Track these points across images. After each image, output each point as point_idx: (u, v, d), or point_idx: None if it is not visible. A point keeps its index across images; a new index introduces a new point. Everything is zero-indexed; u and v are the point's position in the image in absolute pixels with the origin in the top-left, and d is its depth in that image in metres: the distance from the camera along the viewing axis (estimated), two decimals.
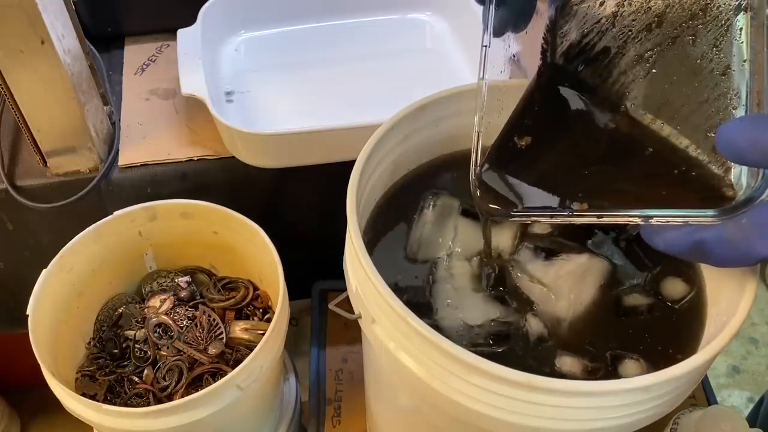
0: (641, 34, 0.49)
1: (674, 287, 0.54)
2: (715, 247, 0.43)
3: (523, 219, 0.51)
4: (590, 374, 0.50)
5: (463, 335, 0.53)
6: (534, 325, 0.52)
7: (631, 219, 0.46)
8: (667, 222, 0.44)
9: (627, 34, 0.49)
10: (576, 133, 0.52)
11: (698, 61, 0.46)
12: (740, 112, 0.43)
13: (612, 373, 0.50)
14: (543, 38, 0.53)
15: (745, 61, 0.43)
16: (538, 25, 0.53)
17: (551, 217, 0.49)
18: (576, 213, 0.48)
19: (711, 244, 0.43)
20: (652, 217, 0.45)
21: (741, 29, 0.43)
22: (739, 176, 0.43)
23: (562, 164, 0.52)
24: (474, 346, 0.52)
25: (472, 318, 0.54)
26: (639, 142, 0.50)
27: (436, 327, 0.52)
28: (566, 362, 0.51)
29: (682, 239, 0.44)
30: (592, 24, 0.51)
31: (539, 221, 0.52)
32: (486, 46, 0.51)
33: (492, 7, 0.51)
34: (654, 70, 0.48)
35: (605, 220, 0.47)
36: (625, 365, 0.50)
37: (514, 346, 0.52)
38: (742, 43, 0.43)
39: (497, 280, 0.55)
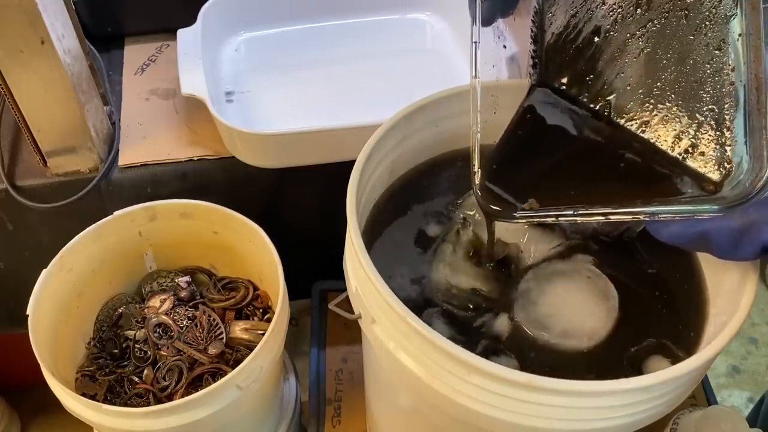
0: (632, 10, 0.48)
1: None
2: (719, 236, 0.43)
3: (527, 220, 0.51)
4: None
5: (440, 290, 0.54)
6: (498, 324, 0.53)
7: (638, 216, 0.46)
8: (673, 218, 0.44)
9: (617, 12, 0.49)
10: (567, 139, 0.52)
11: (692, 37, 0.45)
12: (740, 90, 0.43)
13: None
14: (531, 20, 0.52)
15: (740, 35, 0.42)
16: (528, 11, 0.53)
17: (556, 217, 0.49)
18: (582, 213, 0.47)
19: (716, 233, 0.43)
20: (658, 213, 0.45)
21: (734, 1, 0.43)
22: (740, 164, 0.43)
23: (557, 169, 0.52)
24: (446, 303, 0.54)
25: (457, 280, 0.55)
26: (624, 146, 0.49)
27: (427, 279, 0.55)
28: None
29: (686, 230, 0.45)
30: (582, 1, 0.50)
31: (544, 221, 0.52)
32: (476, 42, 0.50)
33: (478, 1, 0.50)
34: (648, 49, 0.48)
35: (613, 218, 0.47)
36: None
37: (482, 321, 0.53)
38: (734, 16, 0.43)
39: (501, 262, 0.56)
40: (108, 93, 0.83)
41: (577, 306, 0.53)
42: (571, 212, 0.48)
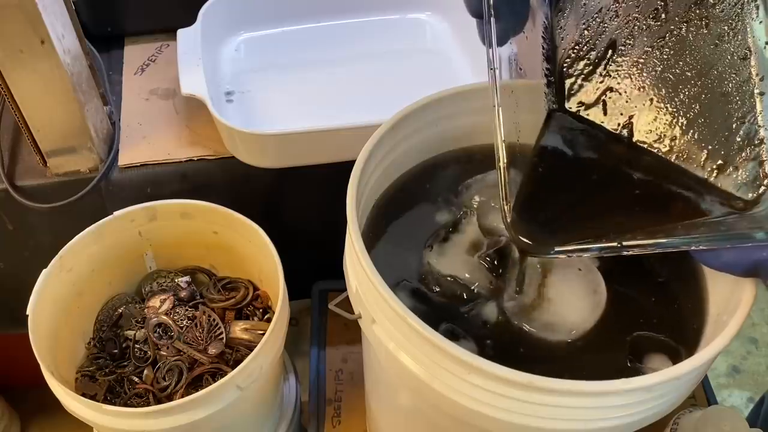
0: (648, 22, 0.45)
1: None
2: None
3: (567, 254, 0.48)
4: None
5: (425, 273, 0.55)
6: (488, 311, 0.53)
7: (688, 246, 0.44)
8: (725, 246, 0.43)
9: (633, 23, 0.46)
10: (593, 168, 0.50)
11: (713, 47, 0.42)
12: None
13: None
14: (542, 36, 0.51)
15: (767, 43, 0.40)
16: (537, 26, 0.52)
17: (600, 250, 0.46)
18: (627, 245, 0.45)
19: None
20: (710, 242, 0.43)
21: (758, 7, 0.40)
22: None
23: (587, 200, 0.50)
24: (431, 290, 0.54)
25: (442, 266, 0.55)
26: (650, 169, 0.48)
27: (419, 261, 0.56)
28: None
29: (740, 260, 0.44)
30: (594, 13, 0.48)
31: (586, 255, 0.49)
32: (495, 68, 0.47)
33: (492, 23, 0.48)
34: (668, 62, 0.45)
35: (663, 250, 0.45)
36: None
37: (468, 308, 0.53)
38: (760, 22, 0.40)
39: (497, 256, 0.55)
40: (108, 93, 0.83)
41: (563, 299, 0.53)
42: (615, 244, 0.45)
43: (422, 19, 0.95)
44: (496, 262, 0.55)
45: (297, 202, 0.86)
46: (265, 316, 0.78)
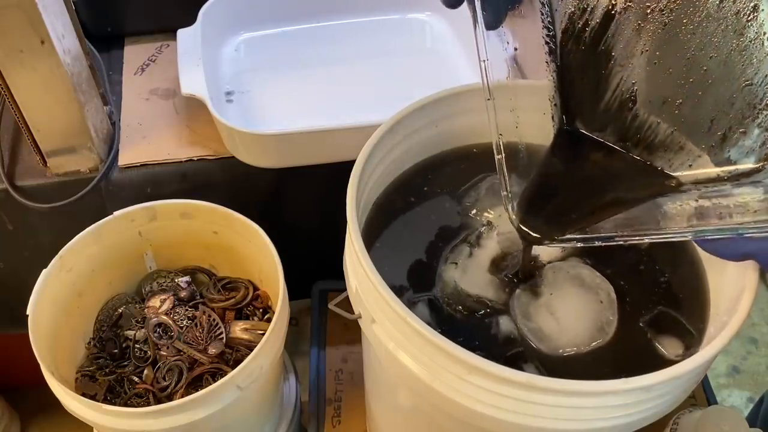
0: None
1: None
2: (764, 257, 0.45)
3: (569, 244, 0.50)
4: None
5: (450, 294, 0.55)
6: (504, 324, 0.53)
7: (685, 236, 0.45)
8: (717, 237, 0.44)
9: None
10: (592, 170, 0.50)
11: (718, 5, 0.41)
12: None
13: None
14: (540, 1, 0.48)
15: None
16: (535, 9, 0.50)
17: (597, 240, 0.47)
18: (624, 235, 0.46)
19: (763, 255, 0.45)
20: (704, 233, 0.44)
21: None
22: None
23: (586, 196, 0.50)
24: (450, 305, 0.54)
25: (466, 285, 0.55)
26: (639, 171, 0.48)
27: (438, 275, 0.56)
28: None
29: (733, 251, 0.45)
30: None
31: (585, 245, 0.51)
32: (485, 60, 0.47)
33: (478, 10, 0.47)
34: (669, 24, 0.43)
35: (660, 239, 0.46)
36: None
37: (484, 325, 0.53)
38: None
39: (519, 272, 0.55)
40: (108, 93, 0.83)
41: (573, 324, 0.54)
42: (612, 234, 0.47)
43: (422, 19, 0.95)
44: (521, 275, 0.55)
45: (297, 202, 0.86)
46: (265, 316, 0.78)
